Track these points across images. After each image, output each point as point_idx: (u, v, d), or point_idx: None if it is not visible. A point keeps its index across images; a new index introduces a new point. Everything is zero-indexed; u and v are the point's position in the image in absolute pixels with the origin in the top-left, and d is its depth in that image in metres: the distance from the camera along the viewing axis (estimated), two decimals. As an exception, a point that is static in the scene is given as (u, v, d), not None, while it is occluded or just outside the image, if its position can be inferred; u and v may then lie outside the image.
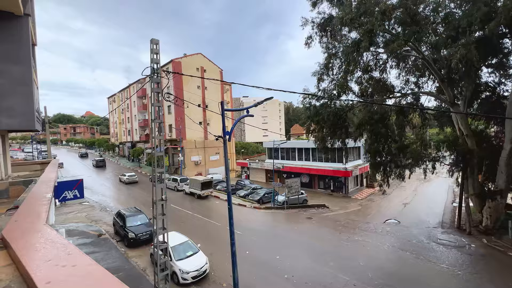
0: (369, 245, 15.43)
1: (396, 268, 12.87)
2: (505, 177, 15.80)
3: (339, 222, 19.76)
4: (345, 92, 18.60)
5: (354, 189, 30.85)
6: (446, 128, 21.89)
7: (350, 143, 21.79)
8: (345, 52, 17.61)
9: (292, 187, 24.28)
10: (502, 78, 17.51)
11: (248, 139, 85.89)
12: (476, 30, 12.70)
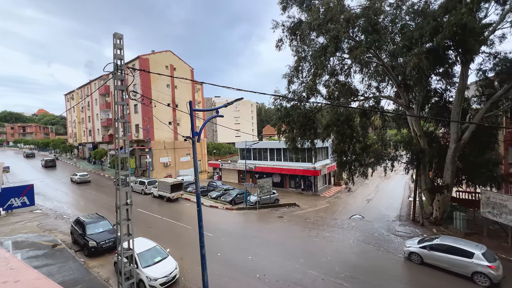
0: (336, 240, 16.24)
1: (360, 260, 13.72)
2: (450, 173, 17.79)
3: (309, 220, 20.48)
4: (314, 94, 19.38)
5: (322, 187, 32.23)
6: (403, 130, 23.94)
7: (318, 144, 22.73)
8: (313, 56, 18.35)
9: (264, 187, 24.56)
10: (448, 86, 19.70)
11: (220, 139, 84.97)
12: (426, 42, 14.12)
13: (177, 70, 41.61)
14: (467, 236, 15.93)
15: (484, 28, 15.68)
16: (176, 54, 42.61)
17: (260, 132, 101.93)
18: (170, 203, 25.51)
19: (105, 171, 42.25)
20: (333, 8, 15.71)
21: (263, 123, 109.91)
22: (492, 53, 16.91)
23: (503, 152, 21.69)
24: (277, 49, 21.10)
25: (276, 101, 21.06)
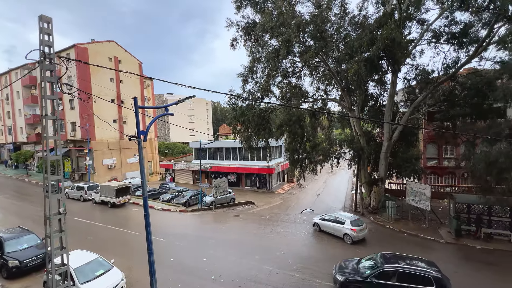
0: (289, 235, 17.06)
1: (311, 251, 14.72)
2: (384, 168, 20.39)
3: (264, 217, 21.05)
4: (268, 95, 19.98)
5: (277, 184, 33.49)
6: (346, 129, 26.48)
7: (272, 142, 23.54)
8: (267, 57, 18.88)
9: (220, 186, 24.29)
10: (382, 91, 22.49)
11: (173, 139, 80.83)
12: (365, 51, 15.88)
13: (122, 63, 37.99)
14: (396, 221, 18.53)
15: (408, 43, 18.39)
16: (122, 46, 38.88)
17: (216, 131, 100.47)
18: (116, 209, 23.22)
19: (32, 177, 36.12)
20: (285, 12, 16.42)
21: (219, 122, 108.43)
22: (414, 65, 19.96)
23: (422, 149, 25.84)
24: (231, 48, 21.09)
25: (231, 100, 21.05)
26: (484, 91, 16.34)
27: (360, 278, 9.62)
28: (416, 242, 15.47)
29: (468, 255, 13.63)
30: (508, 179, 12.44)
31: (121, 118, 37.40)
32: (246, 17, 20.12)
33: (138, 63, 41.38)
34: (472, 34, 16.29)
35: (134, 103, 6.37)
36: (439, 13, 17.13)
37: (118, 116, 37.03)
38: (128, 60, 39.33)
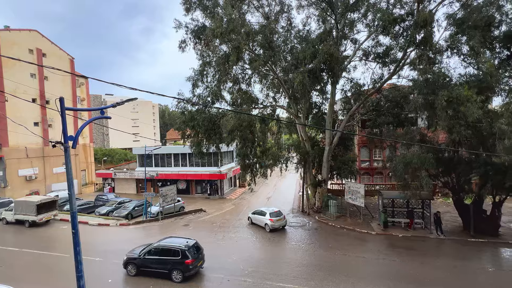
0: (241, 240, 17.08)
1: (262, 254, 15.00)
2: (326, 170, 22.32)
3: (215, 224, 20.61)
4: (219, 100, 19.87)
5: (228, 190, 33.28)
6: (294, 135, 28.18)
7: (224, 148, 23.36)
8: (217, 62, 18.84)
9: (167, 195, 22.84)
10: (323, 100, 24.75)
11: (113, 144, 72.84)
12: (308, 63, 17.31)
13: (48, 57, 32.80)
14: (337, 218, 20.40)
15: (344, 59, 20.77)
16: (48, 37, 33.56)
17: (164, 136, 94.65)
18: (37, 228, 19.60)
19: None
20: (235, 20, 16.71)
21: (167, 126, 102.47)
22: (349, 78, 22.62)
23: (357, 152, 29.23)
24: (180, 51, 20.37)
25: (180, 104, 20.23)
26: (402, 104, 19.53)
27: (136, 256, 12.42)
28: (353, 236, 17.28)
29: (393, 243, 15.87)
30: (419, 177, 15.04)
31: (45, 120, 32.04)
32: (195, 20, 19.77)
33: (69, 59, 36.32)
34: (392, 55, 19.37)
35: (60, 104, 5.51)
36: (368, 35, 19.88)
37: (41, 119, 31.63)
38: (56, 54, 34.18)
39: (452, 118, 13.21)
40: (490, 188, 15.59)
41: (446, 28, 16.57)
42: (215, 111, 21.14)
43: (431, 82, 14.81)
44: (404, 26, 16.46)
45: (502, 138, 11.78)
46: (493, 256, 14.19)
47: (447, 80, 14.96)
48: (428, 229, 17.35)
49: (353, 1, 18.06)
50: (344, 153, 24.01)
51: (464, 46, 15.51)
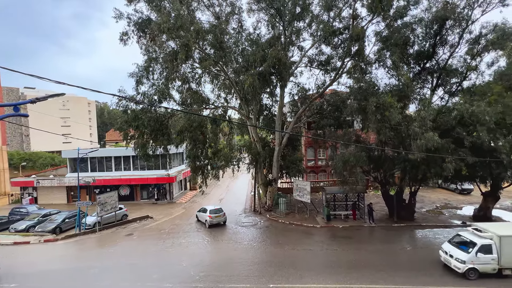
0: (192, 245, 16.46)
1: (214, 257, 14.74)
2: (276, 169, 23.27)
3: (164, 230, 19.41)
4: (166, 99, 18.80)
5: (179, 193, 31.73)
6: (245, 136, 28.54)
7: (172, 149, 22.23)
8: (165, 59, 17.82)
9: (107, 203, 20.49)
10: (273, 103, 25.75)
11: (35, 147, 61.88)
12: (258, 66, 17.80)
13: None
14: (287, 215, 21.47)
15: (292, 64, 22.02)
16: None
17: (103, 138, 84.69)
18: None
19: None
20: (184, 16, 16.08)
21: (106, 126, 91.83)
22: (297, 83, 24.09)
23: (304, 152, 31.31)
24: (122, 43, 18.62)
25: (122, 102, 18.44)
26: (341, 108, 21.72)
27: None
28: (301, 230, 18.44)
29: (335, 234, 17.51)
30: (355, 173, 17.00)
31: None
32: (139, 12, 18.31)
33: (-29, 42, 29.31)
34: (332, 64, 21.40)
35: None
36: (312, 44, 21.51)
37: None
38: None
39: (379, 122, 15.31)
40: (408, 180, 18.61)
41: (375, 44, 19.12)
42: (163, 110, 19.95)
43: (364, 89, 16.90)
44: (342, 39, 18.40)
45: (415, 138, 14.19)
46: (410, 237, 16.94)
47: (376, 89, 17.28)
48: (363, 219, 19.70)
49: (299, 11, 19.28)
50: (292, 153, 25.40)
51: (388, 60, 18.16)
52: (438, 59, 19.08)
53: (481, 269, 11.16)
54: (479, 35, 17.84)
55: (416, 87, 18.18)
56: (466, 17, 17.33)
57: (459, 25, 17.64)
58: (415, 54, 19.06)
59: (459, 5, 17.21)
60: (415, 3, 17.47)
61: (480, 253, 11.21)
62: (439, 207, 22.86)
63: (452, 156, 13.93)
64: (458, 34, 17.99)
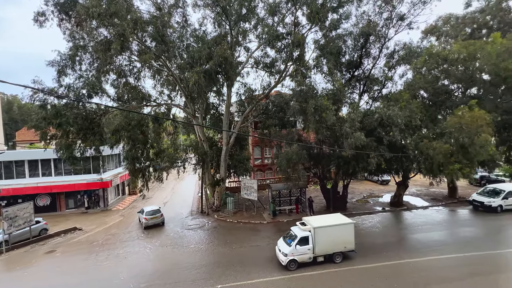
0: (131, 255, 15.02)
1: (157, 265, 13.76)
2: (224, 169, 23.15)
3: (97, 242, 17.18)
4: (98, 93, 16.65)
5: (115, 199, 28.49)
6: (192, 135, 27.53)
7: (107, 151, 19.84)
8: (96, 48, 15.72)
9: (18, 217, 16.97)
10: (220, 102, 25.52)
11: None
12: (204, 64, 17.36)
13: None
14: (235, 214, 21.59)
15: (239, 64, 22.20)
16: None
17: (12, 137, 69.59)
18: None
19: None
20: (119, 2, 14.45)
21: (16, 124, 75.71)
22: (243, 83, 24.38)
23: (251, 151, 32.01)
24: (37, 25, 15.65)
25: (38, 95, 15.52)
26: (285, 109, 22.97)
27: None
28: (248, 228, 18.81)
29: (280, 228, 18.43)
30: (298, 170, 18.26)
31: None
32: (61, -10, 15.67)
33: None
34: (277, 67, 22.40)
35: None
36: (258, 46, 22.09)
37: None
38: None
39: (318, 122, 16.78)
40: (341, 174, 20.94)
41: (314, 51, 20.87)
42: (94, 107, 17.61)
43: (304, 92, 18.24)
44: (285, 43, 19.45)
45: (347, 137, 16.10)
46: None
47: (315, 92, 18.85)
48: (305, 211, 21.31)
49: (245, 12, 19.57)
50: (240, 152, 25.66)
51: (324, 67, 20.03)
52: (364, 68, 22.03)
53: (300, 259, 12.29)
54: (393, 51, 21.33)
55: (347, 92, 20.56)
56: (384, 34, 20.49)
57: (379, 40, 20.72)
58: (346, 63, 21.55)
59: (379, 24, 20.21)
60: (346, 18, 19.75)
61: (299, 245, 12.31)
62: (366, 196, 26.45)
63: (375, 152, 16.30)
64: (378, 49, 21.10)
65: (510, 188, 20.62)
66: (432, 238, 15.77)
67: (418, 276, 11.52)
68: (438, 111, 21.04)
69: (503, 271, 11.89)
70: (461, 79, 20.68)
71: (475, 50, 19.22)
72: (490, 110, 17.81)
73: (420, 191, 27.27)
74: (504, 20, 25.50)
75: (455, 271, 11.93)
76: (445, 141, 16.04)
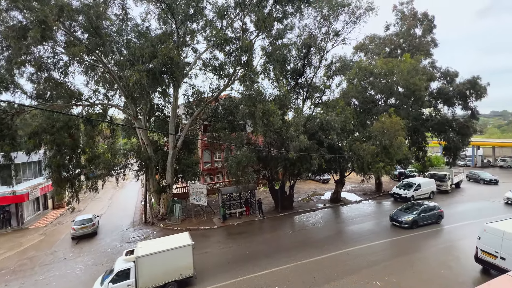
0: (55, 280, 12.80)
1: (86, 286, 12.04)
2: (171, 174, 21.88)
3: (7, 270, 14.09)
4: (9, 89, 13.82)
5: (33, 216, 23.88)
6: (133, 138, 25.22)
7: (21, 157, 16.57)
8: (6, 34, 13.04)
9: None
10: (167, 103, 24.10)
11: None
12: (148, 62, 16.17)
13: None
14: (183, 222, 20.56)
15: (186, 65, 21.43)
16: None
17: None
18: None
19: None
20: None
21: None
22: (192, 84, 23.61)
23: (200, 155, 31.12)
24: None
25: None
26: (234, 112, 23.11)
27: None
28: (198, 234, 18.13)
29: (231, 232, 18.36)
30: (247, 172, 18.53)
31: None
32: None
33: None
34: (226, 70, 22.43)
35: None
36: (206, 47, 21.73)
37: None
38: None
39: (266, 126, 17.41)
40: (288, 175, 22.12)
41: (261, 57, 21.65)
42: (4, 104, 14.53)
43: (253, 97, 18.72)
44: (234, 48, 19.64)
45: (292, 140, 17.15)
46: (291, 223, 20.19)
47: (263, 97, 19.54)
48: (254, 213, 21.72)
49: (192, 12, 19.07)
50: (188, 156, 24.65)
51: (271, 73, 20.96)
52: (307, 77, 23.87)
53: None
54: (331, 62, 23.73)
55: (292, 98, 21.94)
56: (323, 47, 22.64)
57: (319, 52, 22.79)
58: (291, 71, 23.01)
59: (318, 37, 22.25)
60: (290, 28, 21.11)
61: (115, 282, 10.15)
62: (310, 195, 28.53)
63: (317, 154, 17.77)
64: (318, 59, 23.18)
65: (420, 181, 25.10)
66: (364, 228, 17.98)
67: (352, 263, 12.97)
68: (367, 117, 24.24)
69: (418, 250, 14.33)
70: (383, 90, 24.36)
71: (393, 67, 22.93)
72: (404, 117, 21.44)
73: (354, 188, 30.81)
74: (412, 44, 31.12)
75: (382, 254, 13.85)
76: (372, 143, 18.58)
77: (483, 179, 31.10)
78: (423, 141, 29.05)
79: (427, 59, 30.92)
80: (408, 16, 31.87)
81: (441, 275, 11.64)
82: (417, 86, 22.84)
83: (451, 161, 29.95)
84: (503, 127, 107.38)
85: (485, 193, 26.35)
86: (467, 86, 27.08)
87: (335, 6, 20.90)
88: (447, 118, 28.58)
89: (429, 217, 17.72)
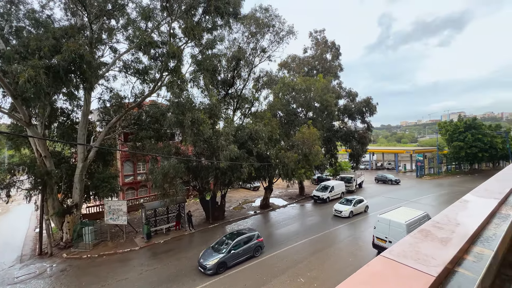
0: None
1: None
2: (79, 191, 18.39)
3: None
4: None
5: None
6: (24, 150, 20.16)
7: None
8: None
9: None
10: (75, 107, 20.45)
11: None
12: (48, 58, 13.37)
13: None
14: (95, 247, 17.46)
15: (102, 65, 18.83)
16: None
17: None
18: None
19: None
20: None
21: None
22: (109, 88, 20.85)
23: (120, 167, 27.46)
24: None
25: None
26: (161, 120, 21.54)
27: None
28: (115, 259, 15.71)
29: (156, 251, 16.66)
30: (175, 184, 17.40)
31: None
32: None
33: None
34: (151, 75, 20.84)
35: None
36: (128, 48, 19.72)
37: None
38: None
39: (195, 135, 16.92)
40: (219, 185, 21.95)
41: (191, 65, 21.14)
42: None
43: (182, 104, 17.98)
44: (160, 52, 18.53)
45: (223, 150, 17.19)
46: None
47: (193, 105, 19.00)
48: (184, 227, 20.46)
49: (110, 7, 17.10)
50: (103, 169, 21.30)
51: (201, 82, 20.70)
52: (237, 88, 24.64)
53: None
54: (259, 76, 25.32)
55: (223, 108, 22.16)
56: (251, 61, 23.97)
57: (248, 66, 23.99)
58: (221, 81, 23.32)
59: (247, 51, 23.46)
60: (220, 40, 21.48)
61: None
62: (241, 203, 29.01)
63: (247, 162, 18.34)
64: (247, 72, 24.37)
65: (333, 183, 29.14)
66: (290, 230, 19.43)
67: (280, 265, 13.77)
68: (290, 128, 26.76)
69: (333, 244, 16.39)
70: (303, 105, 27.50)
71: (310, 84, 26.28)
72: (319, 128, 24.69)
73: (281, 193, 33.13)
74: (324, 66, 36.60)
75: (303, 252, 15.23)
76: (295, 151, 20.55)
77: (390, 179, 38.32)
78: (334, 149, 34.05)
79: (336, 80, 36.90)
80: (320, 42, 37.43)
81: (350, 263, 13.66)
82: (328, 102, 26.84)
83: (355, 165, 36.12)
84: (388, 137, 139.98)
85: (380, 191, 32.77)
86: (363, 104, 33.54)
87: (261, 25, 22.60)
88: (351, 130, 34.49)
89: (242, 253, 14.16)
